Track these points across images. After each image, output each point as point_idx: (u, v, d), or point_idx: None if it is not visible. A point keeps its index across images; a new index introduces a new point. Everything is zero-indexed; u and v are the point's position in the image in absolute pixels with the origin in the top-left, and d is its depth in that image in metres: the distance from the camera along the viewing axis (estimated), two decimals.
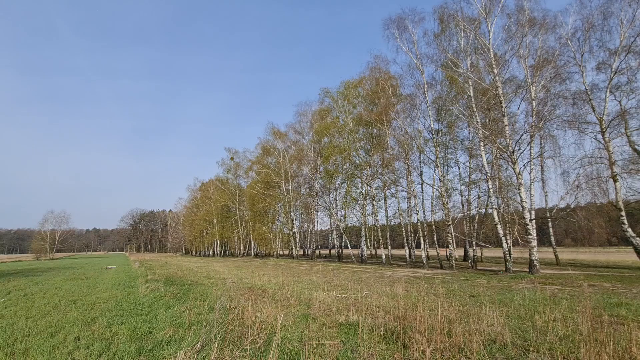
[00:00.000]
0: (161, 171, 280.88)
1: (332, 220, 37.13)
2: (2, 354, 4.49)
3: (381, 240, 29.42)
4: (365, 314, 5.58)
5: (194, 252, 76.84)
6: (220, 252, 60.24)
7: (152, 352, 4.49)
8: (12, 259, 54.59)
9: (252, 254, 49.50)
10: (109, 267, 25.29)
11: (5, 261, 45.77)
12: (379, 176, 28.72)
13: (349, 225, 34.86)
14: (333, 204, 34.58)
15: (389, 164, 26.54)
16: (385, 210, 31.62)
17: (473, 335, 4.13)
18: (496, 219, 17.57)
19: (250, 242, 50.53)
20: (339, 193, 34.82)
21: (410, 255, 25.16)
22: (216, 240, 57.84)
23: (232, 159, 53.61)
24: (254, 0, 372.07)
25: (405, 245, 25.39)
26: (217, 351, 3.65)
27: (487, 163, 18.86)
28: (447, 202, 21.29)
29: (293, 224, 40.05)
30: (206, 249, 66.62)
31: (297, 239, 39.14)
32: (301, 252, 44.34)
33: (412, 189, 25.11)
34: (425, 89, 21.75)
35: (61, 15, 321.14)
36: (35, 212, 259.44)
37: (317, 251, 42.12)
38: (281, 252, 45.47)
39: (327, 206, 35.50)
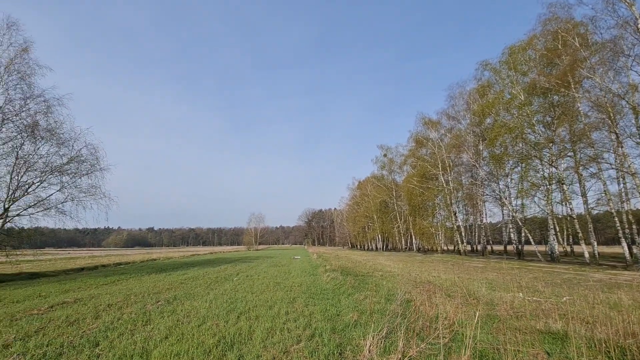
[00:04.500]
0: (324, 173, 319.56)
1: (504, 211, 32.07)
2: (244, 318, 6.16)
3: (580, 234, 23.11)
4: (575, 323, 4.56)
5: (358, 246, 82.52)
6: (382, 247, 62.22)
7: (343, 332, 5.12)
8: (233, 250, 74.20)
9: (414, 248, 48.68)
10: (295, 257, 30.47)
11: (230, 251, 62.79)
12: (569, 153, 22.76)
13: (529, 216, 29.04)
14: (504, 192, 29.78)
15: (582, 136, 20.66)
16: (583, 195, 24.62)
17: None
18: None
19: (410, 236, 49.94)
20: (512, 179, 29.69)
21: (631, 253, 18.74)
22: (377, 235, 60.13)
23: (385, 155, 54.61)
24: None
25: (622, 240, 19.09)
26: (403, 340, 3.82)
27: None
28: None
29: (456, 217, 36.92)
30: (369, 243, 70.29)
31: (462, 234, 35.83)
32: (469, 247, 40.32)
33: (626, 165, 18.63)
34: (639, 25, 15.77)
35: (244, 59, 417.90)
36: (243, 214, 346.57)
37: (488, 247, 37.26)
38: (445, 248, 42.74)
39: (497, 195, 30.88)
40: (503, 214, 33.01)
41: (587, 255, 21.15)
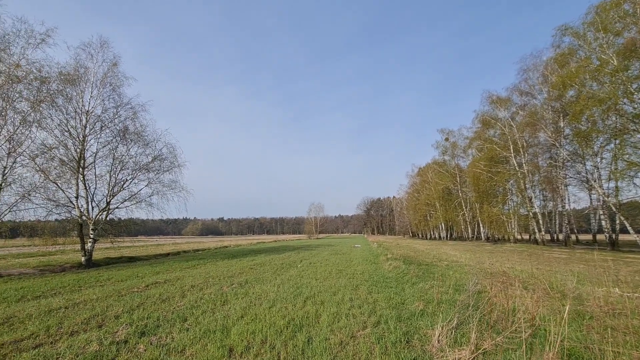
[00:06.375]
0: (381, 160, 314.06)
1: (592, 195, 28.08)
2: (310, 302, 6.44)
3: None
4: None
5: (419, 235, 79.67)
6: (447, 236, 59.20)
7: (409, 321, 5.06)
8: (295, 238, 77.42)
9: (483, 237, 45.40)
10: (355, 246, 30.64)
11: (292, 239, 65.63)
12: None
13: (625, 200, 24.89)
14: (593, 174, 25.98)
15: None
16: None
17: None
18: None
19: (478, 225, 46.62)
20: (602, 159, 25.74)
21: None
22: (440, 223, 57.32)
23: (446, 139, 51.41)
24: None
25: None
26: (476, 332, 3.64)
27: None
28: None
29: (532, 203, 33.34)
30: (431, 232, 67.39)
31: (540, 221, 32.28)
32: (548, 236, 36.24)
33: None
34: None
35: (299, 51, 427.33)
36: (303, 203, 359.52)
37: (572, 236, 33.06)
38: (519, 237, 39.03)
39: (583, 178, 27.11)
40: (591, 199, 28.98)
41: None
